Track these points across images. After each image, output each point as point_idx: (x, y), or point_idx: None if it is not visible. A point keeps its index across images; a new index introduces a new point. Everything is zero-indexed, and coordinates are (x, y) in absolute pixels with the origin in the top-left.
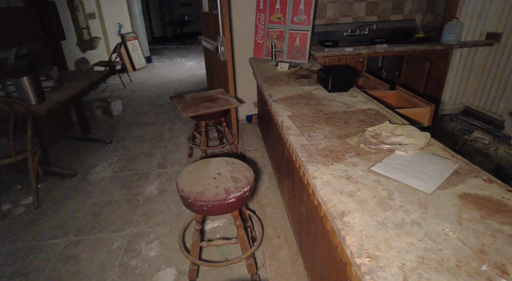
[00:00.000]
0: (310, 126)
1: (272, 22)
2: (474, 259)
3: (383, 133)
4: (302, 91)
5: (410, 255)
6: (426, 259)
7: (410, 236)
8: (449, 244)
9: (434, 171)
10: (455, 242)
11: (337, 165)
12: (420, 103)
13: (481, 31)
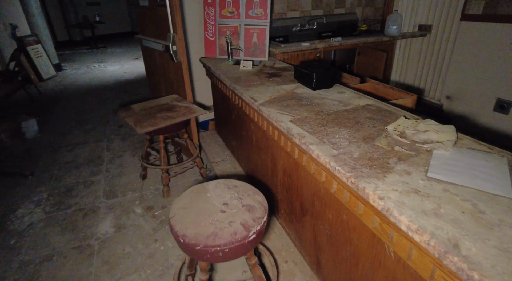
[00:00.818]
0: (323, 131)
1: (224, 17)
2: None
3: (407, 131)
4: (284, 91)
5: None
6: None
7: None
8: None
9: (492, 169)
10: None
11: (390, 176)
12: (397, 93)
13: (414, 23)
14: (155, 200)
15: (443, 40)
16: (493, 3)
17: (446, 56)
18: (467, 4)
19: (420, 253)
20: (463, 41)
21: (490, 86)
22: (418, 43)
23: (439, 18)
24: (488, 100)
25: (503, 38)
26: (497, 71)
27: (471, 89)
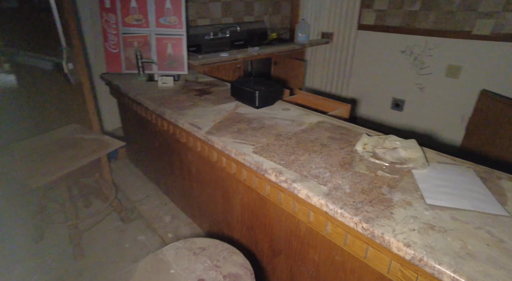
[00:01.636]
0: (296, 161)
1: (130, 25)
2: None
3: (377, 150)
4: (226, 112)
5: None
6: None
7: None
8: None
9: (471, 184)
10: None
11: (396, 212)
12: (331, 104)
13: (318, 31)
14: (65, 267)
15: (344, 47)
16: (382, 16)
17: (348, 62)
18: (361, 15)
19: None
20: (361, 48)
21: (386, 87)
22: (322, 50)
23: (338, 27)
24: (386, 100)
25: (393, 46)
26: (391, 75)
27: (372, 91)
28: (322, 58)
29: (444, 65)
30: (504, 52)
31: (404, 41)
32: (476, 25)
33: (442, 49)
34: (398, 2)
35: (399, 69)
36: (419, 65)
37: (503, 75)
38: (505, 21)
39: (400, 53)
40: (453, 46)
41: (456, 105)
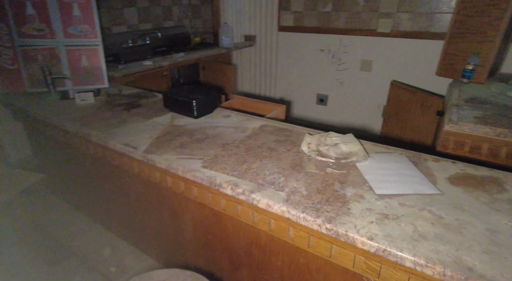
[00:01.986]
0: (250, 170)
1: (29, 37)
2: None
3: (321, 148)
4: (162, 126)
5: None
6: None
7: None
8: None
9: (407, 169)
10: None
11: (352, 207)
12: (268, 106)
13: (241, 33)
14: None
15: (267, 49)
16: (299, 17)
17: (273, 63)
18: (280, 17)
19: None
20: (284, 49)
21: (311, 85)
22: (248, 52)
23: (260, 29)
24: (311, 96)
25: (313, 46)
26: (314, 72)
27: (298, 89)
28: (248, 60)
29: (358, 60)
30: (402, 47)
31: (322, 40)
32: (378, 24)
33: (355, 46)
34: (312, 4)
35: (320, 66)
36: (337, 62)
37: (406, 67)
38: (400, 21)
39: (320, 52)
40: (363, 43)
41: (372, 96)
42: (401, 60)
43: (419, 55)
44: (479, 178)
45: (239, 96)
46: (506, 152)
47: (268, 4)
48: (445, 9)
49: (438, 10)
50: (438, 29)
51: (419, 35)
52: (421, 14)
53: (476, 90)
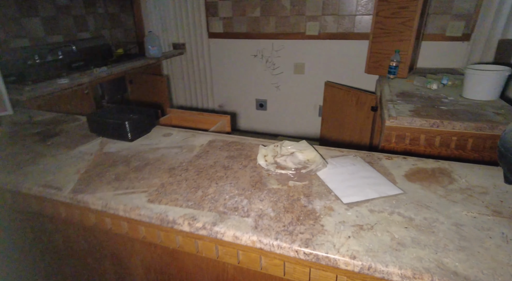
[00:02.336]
0: (206, 197)
1: None
2: None
3: (278, 160)
4: (90, 155)
5: None
6: None
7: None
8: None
9: (365, 171)
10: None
11: (325, 222)
12: (211, 118)
13: (168, 42)
14: None
15: (199, 57)
16: (229, 23)
17: (207, 71)
18: (209, 23)
19: None
20: (216, 56)
21: (249, 90)
22: (178, 62)
23: (189, 36)
24: (251, 102)
25: (246, 51)
26: (250, 78)
27: (236, 96)
28: (180, 70)
29: (291, 64)
30: (331, 48)
31: (254, 45)
32: (306, 27)
33: (287, 50)
34: (240, 9)
35: (255, 72)
36: (271, 66)
37: (338, 67)
38: (326, 23)
39: (253, 57)
40: (294, 47)
41: (309, 97)
42: (332, 61)
43: (348, 55)
44: (430, 171)
45: (177, 110)
46: (440, 140)
47: (195, 11)
48: (364, 11)
49: (358, 12)
50: (360, 30)
51: (344, 36)
52: (344, 16)
53: (402, 85)
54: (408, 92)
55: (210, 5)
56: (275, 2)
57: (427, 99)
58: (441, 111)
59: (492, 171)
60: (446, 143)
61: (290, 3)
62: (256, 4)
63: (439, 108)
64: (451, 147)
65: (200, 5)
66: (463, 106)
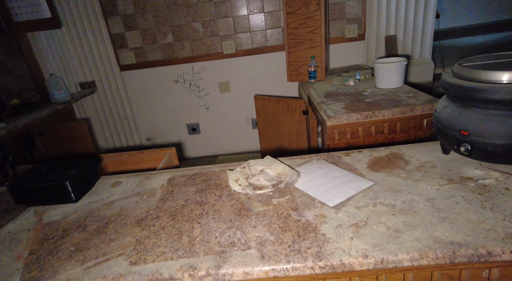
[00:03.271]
0: (194, 240)
1: None
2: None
3: (251, 181)
4: (28, 231)
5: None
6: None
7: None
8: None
9: (334, 171)
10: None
11: (325, 230)
12: (150, 155)
13: (74, 82)
14: None
15: (114, 93)
16: (141, 52)
17: (126, 105)
18: (118, 56)
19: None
20: (133, 88)
21: (177, 117)
22: (91, 102)
23: (98, 73)
24: (182, 128)
25: (165, 79)
26: (176, 105)
27: (165, 124)
28: (94, 111)
29: (215, 83)
30: (251, 63)
31: (173, 71)
32: (223, 47)
33: (208, 71)
34: (150, 37)
35: (180, 97)
36: (196, 89)
37: (262, 80)
38: (241, 41)
39: (174, 83)
40: (215, 66)
41: (239, 113)
42: (254, 75)
43: (267, 67)
44: (385, 158)
45: (110, 155)
46: (375, 129)
47: (100, 45)
48: (273, 25)
49: (267, 27)
50: (273, 43)
51: (260, 50)
52: (255, 32)
53: (324, 87)
54: (332, 92)
55: (116, 37)
56: (186, 26)
57: (351, 95)
58: (368, 103)
59: (431, 146)
60: (380, 130)
61: (202, 25)
62: (167, 30)
63: (365, 101)
64: (385, 132)
65: (104, 38)
66: (381, 95)
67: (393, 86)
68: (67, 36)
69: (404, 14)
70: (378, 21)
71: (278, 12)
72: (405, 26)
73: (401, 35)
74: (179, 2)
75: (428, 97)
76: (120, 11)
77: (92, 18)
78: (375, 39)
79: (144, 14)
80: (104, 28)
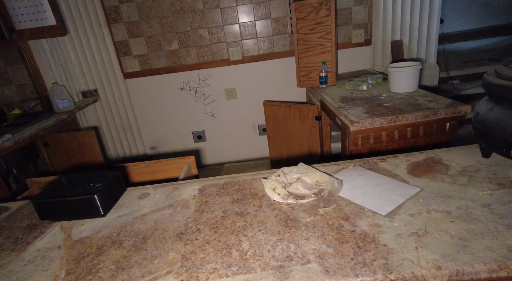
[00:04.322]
0: (246, 255)
1: None
2: None
3: (290, 190)
4: (60, 249)
5: None
6: None
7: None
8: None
9: (374, 178)
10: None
11: (385, 240)
12: (169, 164)
13: (76, 91)
14: None
15: (117, 100)
16: (145, 60)
17: (129, 114)
18: (122, 64)
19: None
20: (137, 96)
21: (183, 125)
22: (93, 111)
23: (101, 81)
24: (187, 136)
25: (170, 86)
26: (181, 112)
27: (170, 133)
28: (96, 120)
29: (222, 90)
30: (258, 69)
31: (178, 78)
32: (229, 53)
33: (215, 78)
34: (155, 45)
35: (186, 104)
36: (202, 96)
37: (267, 86)
38: (247, 47)
39: (180, 91)
40: (221, 73)
41: (246, 119)
42: (261, 81)
43: (274, 73)
44: (423, 163)
45: (131, 164)
46: (398, 133)
47: (103, 52)
48: (279, 32)
49: (274, 33)
50: (280, 49)
51: (267, 56)
52: (262, 38)
53: (337, 92)
54: (347, 97)
55: (120, 44)
56: (193, 33)
57: (367, 100)
58: (388, 108)
59: (467, 149)
60: (403, 135)
61: (208, 32)
62: (172, 37)
63: (384, 106)
64: (408, 137)
65: (107, 45)
66: (399, 100)
67: (408, 90)
68: (69, 43)
69: (409, 19)
70: (384, 26)
71: (285, 18)
72: (410, 31)
73: (406, 40)
74: (185, 8)
75: (448, 100)
76: (124, 18)
77: (95, 25)
78: (381, 44)
79: (149, 21)
80: (108, 36)
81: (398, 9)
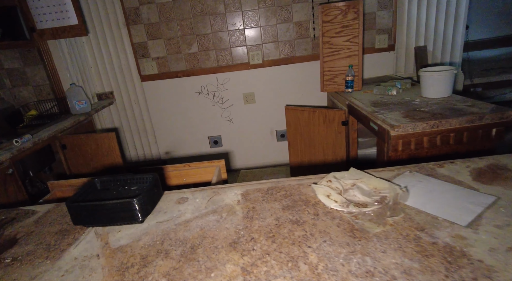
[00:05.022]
0: (316, 270)
1: None
2: None
3: (348, 198)
4: (99, 258)
5: None
6: None
7: None
8: None
9: (438, 185)
10: None
11: (477, 254)
12: (198, 168)
13: (91, 93)
14: None
15: (133, 103)
16: (164, 62)
17: (145, 117)
18: (139, 66)
19: None
20: (154, 99)
21: (199, 129)
22: (107, 113)
23: (117, 83)
24: (203, 142)
25: (188, 90)
26: (198, 117)
27: (185, 137)
28: (111, 122)
29: (240, 94)
30: (278, 73)
31: (197, 82)
32: (249, 57)
33: (233, 82)
34: (174, 47)
35: (203, 109)
36: (220, 100)
37: (287, 91)
38: (268, 51)
39: (198, 94)
40: (240, 77)
41: (264, 125)
42: (281, 86)
43: (296, 78)
44: (488, 169)
45: (162, 167)
46: (440, 139)
47: (121, 54)
48: (300, 36)
49: (296, 37)
50: (301, 53)
51: (287, 61)
52: (284, 42)
53: (365, 96)
54: (378, 101)
55: (139, 46)
56: (213, 36)
57: (401, 104)
58: (426, 112)
59: None
60: (446, 141)
61: (228, 35)
62: (192, 40)
63: (421, 110)
64: (450, 143)
65: (126, 47)
66: (435, 105)
67: (443, 95)
68: (87, 44)
69: (434, 25)
70: (408, 32)
71: (307, 22)
72: (435, 37)
73: (430, 46)
74: (206, 11)
75: (491, 105)
76: (144, 20)
77: (114, 26)
78: (405, 50)
79: (169, 23)
80: (126, 37)
81: (422, 14)
